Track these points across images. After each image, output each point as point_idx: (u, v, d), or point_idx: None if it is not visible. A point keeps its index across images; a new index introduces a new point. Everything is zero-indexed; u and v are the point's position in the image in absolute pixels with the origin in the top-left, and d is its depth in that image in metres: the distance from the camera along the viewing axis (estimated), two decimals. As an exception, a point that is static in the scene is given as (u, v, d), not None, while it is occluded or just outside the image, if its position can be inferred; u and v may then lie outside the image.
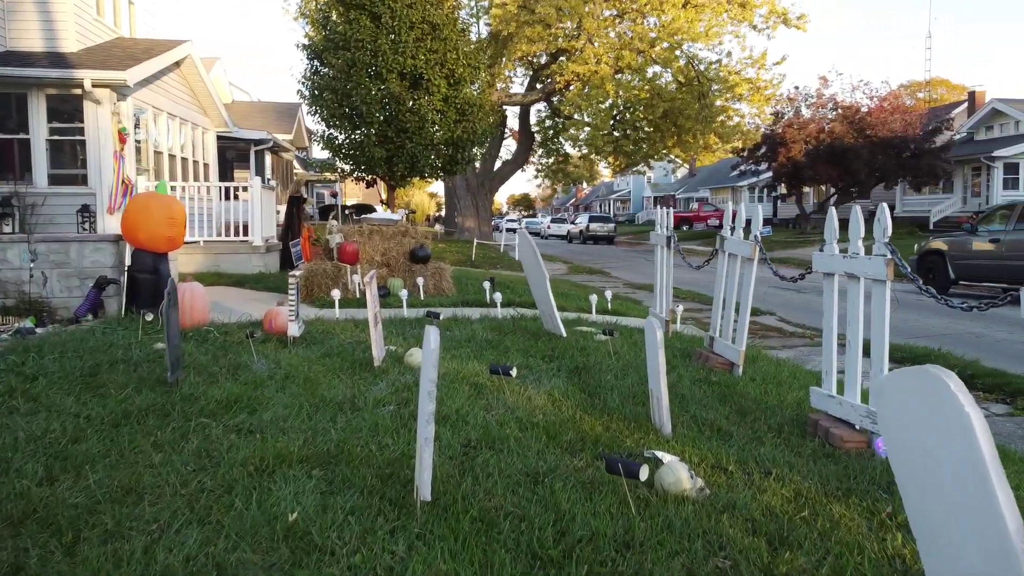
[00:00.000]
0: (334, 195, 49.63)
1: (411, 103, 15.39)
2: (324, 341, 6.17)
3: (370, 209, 21.86)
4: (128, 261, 7.24)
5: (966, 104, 43.48)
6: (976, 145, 36.65)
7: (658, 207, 6.91)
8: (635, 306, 11.91)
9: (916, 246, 17.49)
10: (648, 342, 3.91)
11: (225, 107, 32.60)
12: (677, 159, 33.99)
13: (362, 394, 4.41)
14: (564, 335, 6.28)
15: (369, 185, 17.16)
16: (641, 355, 5.89)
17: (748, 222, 5.55)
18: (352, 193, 47.68)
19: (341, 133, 16.34)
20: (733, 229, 5.74)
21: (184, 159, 15.91)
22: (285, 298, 8.67)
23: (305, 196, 17.96)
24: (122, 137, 13.08)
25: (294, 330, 5.93)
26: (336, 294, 7.44)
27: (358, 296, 9.38)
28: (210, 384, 4.50)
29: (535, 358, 5.54)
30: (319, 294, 9.40)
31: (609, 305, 9.40)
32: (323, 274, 9.52)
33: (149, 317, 6.53)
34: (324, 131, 16.78)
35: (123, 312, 7.00)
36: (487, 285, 9.34)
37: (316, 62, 16.38)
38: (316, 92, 16.07)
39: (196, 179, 16.44)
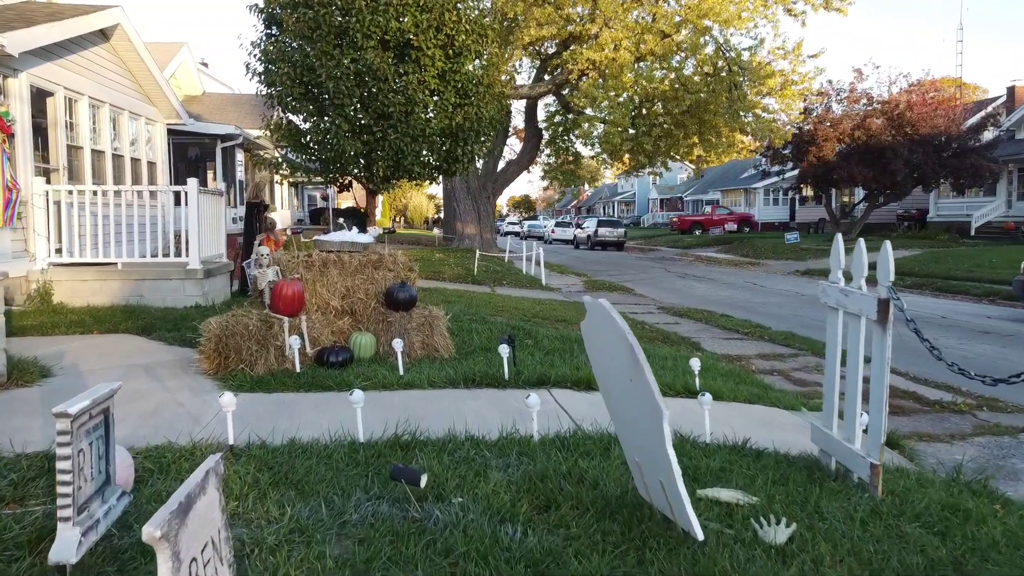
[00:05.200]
0: (325, 197, 46.02)
1: (396, 80, 11.53)
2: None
3: (362, 216, 18.37)
4: None
5: (1003, 99, 40.53)
6: (1019, 144, 33.66)
7: (841, 240, 3.44)
8: (721, 370, 7.94)
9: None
10: None
11: (194, 98, 28.92)
12: (693, 162, 30.47)
13: None
14: (700, 536, 2.79)
15: (342, 189, 13.50)
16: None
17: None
18: (348, 195, 44.20)
19: (304, 120, 12.43)
20: None
21: (118, 156, 12.64)
22: (193, 362, 5.06)
23: (267, 202, 14.41)
24: (4, 127, 9.78)
25: (66, 550, 2.42)
26: (227, 401, 3.88)
27: (297, 370, 5.86)
28: None
29: None
30: (238, 364, 5.89)
31: (697, 381, 5.92)
32: (244, 333, 5.94)
33: None
34: (279, 116, 12.82)
35: None
36: (505, 351, 5.84)
37: (273, 27, 12.52)
38: (270, 66, 12.22)
39: (137, 181, 13.25)
